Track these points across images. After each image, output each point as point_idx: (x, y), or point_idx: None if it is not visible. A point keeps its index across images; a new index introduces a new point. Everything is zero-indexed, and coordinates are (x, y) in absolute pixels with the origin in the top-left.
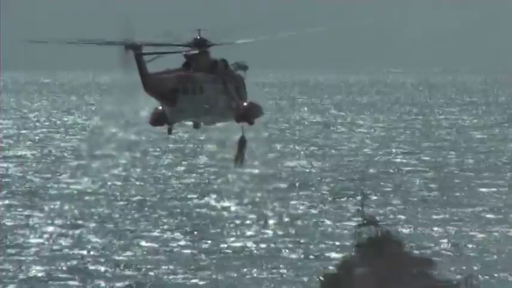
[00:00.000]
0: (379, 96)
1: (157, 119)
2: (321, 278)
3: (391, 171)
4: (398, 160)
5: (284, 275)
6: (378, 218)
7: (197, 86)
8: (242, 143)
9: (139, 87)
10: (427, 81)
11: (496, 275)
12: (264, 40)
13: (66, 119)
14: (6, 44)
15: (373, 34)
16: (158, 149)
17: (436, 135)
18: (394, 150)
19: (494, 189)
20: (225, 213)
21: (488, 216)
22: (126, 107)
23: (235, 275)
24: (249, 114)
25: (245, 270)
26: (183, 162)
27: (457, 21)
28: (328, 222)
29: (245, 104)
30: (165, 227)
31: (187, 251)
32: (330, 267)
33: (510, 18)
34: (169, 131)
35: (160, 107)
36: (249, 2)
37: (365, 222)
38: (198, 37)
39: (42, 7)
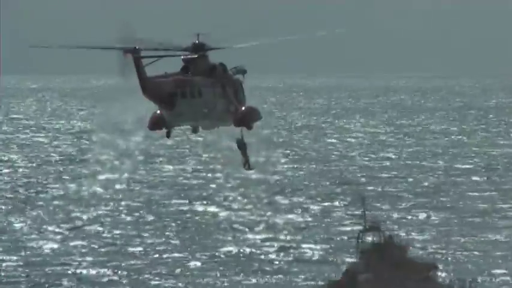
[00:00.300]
0: (370, 100)
1: (155, 123)
2: (325, 285)
3: (383, 175)
4: (388, 164)
5: (280, 282)
6: (380, 223)
7: (195, 90)
8: (242, 145)
9: (137, 90)
10: (421, 85)
11: (496, 279)
12: (263, 44)
13: (55, 124)
14: (3, 47)
15: (368, 38)
16: (149, 153)
17: (425, 139)
18: (383, 155)
19: (490, 193)
20: (221, 219)
21: (489, 220)
22: (123, 111)
23: (230, 281)
24: (247, 119)
25: (241, 276)
26: (173, 167)
27: (457, 26)
28: (324, 227)
29: (243, 108)
30: (154, 231)
31: (177, 256)
32: (334, 274)
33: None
34: (168, 135)
35: (158, 111)
36: (248, 3)
37: (367, 228)
38: (197, 41)
39: (39, 9)
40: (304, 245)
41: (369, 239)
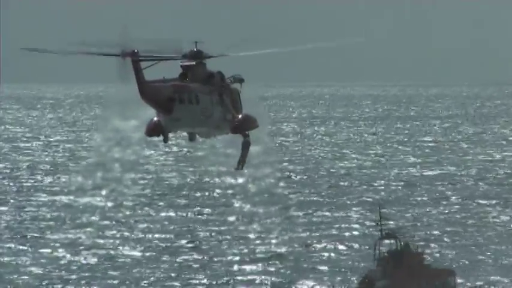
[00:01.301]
0: (346, 108)
1: (153, 129)
2: None
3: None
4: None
5: None
6: (397, 230)
7: (193, 96)
8: (246, 145)
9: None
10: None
11: None
12: (260, 54)
13: (29, 133)
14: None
15: (349, 47)
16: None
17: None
18: (370, 163)
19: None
20: (225, 227)
21: (504, 225)
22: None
23: None
24: (243, 126)
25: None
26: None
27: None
28: (340, 234)
29: (240, 116)
30: (121, 239)
31: (170, 262)
32: (351, 281)
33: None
34: (165, 140)
35: (155, 118)
36: (248, 9)
37: (384, 235)
38: (195, 49)
39: (34, 13)
40: (319, 253)
41: (386, 246)
